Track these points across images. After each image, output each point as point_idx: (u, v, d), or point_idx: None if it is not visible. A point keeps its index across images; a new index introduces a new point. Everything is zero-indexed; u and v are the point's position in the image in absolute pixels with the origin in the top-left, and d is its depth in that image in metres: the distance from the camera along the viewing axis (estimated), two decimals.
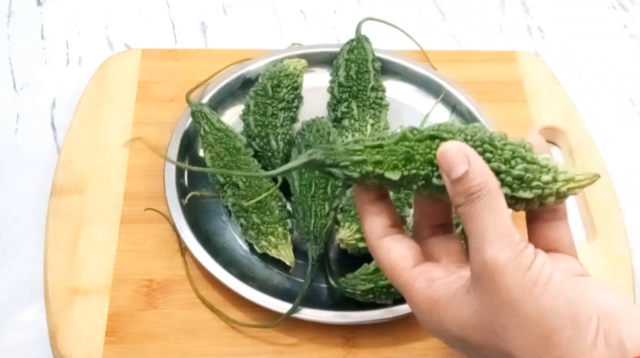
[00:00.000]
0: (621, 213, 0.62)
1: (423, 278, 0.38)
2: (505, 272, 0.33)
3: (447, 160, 0.36)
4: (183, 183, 0.61)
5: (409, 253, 0.39)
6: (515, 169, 0.36)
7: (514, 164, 0.36)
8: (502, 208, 0.35)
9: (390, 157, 0.37)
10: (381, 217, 0.39)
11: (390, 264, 0.39)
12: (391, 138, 0.37)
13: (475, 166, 0.35)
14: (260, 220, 0.56)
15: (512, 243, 0.34)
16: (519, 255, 0.34)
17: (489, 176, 0.35)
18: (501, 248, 0.34)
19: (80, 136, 0.65)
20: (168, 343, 0.53)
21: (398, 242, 0.39)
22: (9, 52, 0.75)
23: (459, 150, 0.36)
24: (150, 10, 0.80)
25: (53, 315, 0.54)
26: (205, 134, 0.61)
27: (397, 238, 0.39)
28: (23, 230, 0.61)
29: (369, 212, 0.40)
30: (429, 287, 0.37)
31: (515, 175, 0.36)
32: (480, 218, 0.35)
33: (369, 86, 0.63)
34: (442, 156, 0.36)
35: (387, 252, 0.39)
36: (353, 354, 0.53)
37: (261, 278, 0.56)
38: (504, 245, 0.34)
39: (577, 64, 0.77)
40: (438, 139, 0.36)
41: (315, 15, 0.80)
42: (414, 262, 0.39)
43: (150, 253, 0.58)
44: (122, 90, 0.68)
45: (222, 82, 0.67)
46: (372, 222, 0.39)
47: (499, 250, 0.34)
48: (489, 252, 0.34)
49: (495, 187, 0.35)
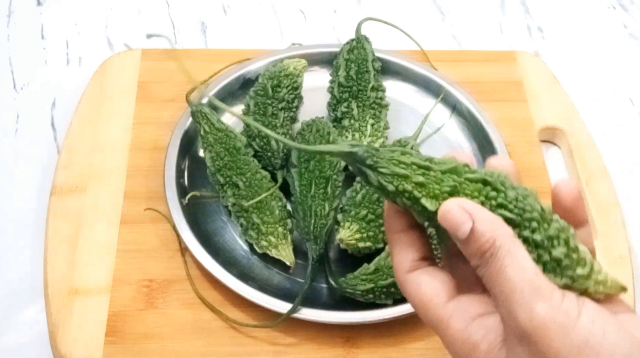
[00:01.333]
0: (621, 213, 0.62)
1: (460, 317, 0.34)
2: (547, 335, 0.29)
3: (449, 222, 0.33)
4: (183, 183, 0.61)
5: (442, 287, 0.35)
6: (557, 249, 0.32)
7: (556, 244, 0.33)
8: (521, 260, 0.31)
9: (435, 185, 0.34)
10: (412, 249, 0.36)
11: (421, 299, 0.35)
12: (440, 165, 0.34)
13: (480, 221, 0.32)
14: (260, 220, 0.56)
15: (546, 296, 0.30)
16: (557, 313, 0.30)
17: (498, 226, 0.32)
18: (534, 309, 0.29)
19: (80, 136, 0.65)
20: (168, 343, 0.53)
21: (429, 276, 0.35)
22: (9, 52, 0.75)
23: (459, 209, 0.33)
24: (150, 10, 0.80)
25: (53, 315, 0.54)
26: (205, 134, 0.61)
27: (428, 272, 0.35)
28: (23, 230, 0.61)
29: (399, 242, 0.36)
30: (466, 328, 0.33)
31: (554, 256, 0.32)
32: (502, 279, 0.31)
33: (369, 86, 0.63)
34: (443, 218, 0.33)
35: (417, 286, 0.35)
36: (353, 354, 0.53)
37: (261, 278, 0.56)
38: (536, 305, 0.30)
39: (577, 64, 0.77)
40: (490, 188, 0.33)
41: (315, 15, 0.80)
42: (448, 297, 0.34)
43: (150, 253, 0.58)
44: (122, 90, 0.68)
45: (222, 82, 0.67)
46: (402, 255, 0.36)
47: (533, 313, 0.29)
48: (522, 318, 0.30)
49: (507, 236, 0.32)
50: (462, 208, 0.33)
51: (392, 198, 0.35)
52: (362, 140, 0.61)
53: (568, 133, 0.67)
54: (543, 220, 0.33)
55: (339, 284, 0.54)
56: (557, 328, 0.29)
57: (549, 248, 0.33)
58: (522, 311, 0.30)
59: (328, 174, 0.58)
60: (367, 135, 0.61)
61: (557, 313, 0.30)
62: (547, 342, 0.29)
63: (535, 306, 0.30)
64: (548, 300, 0.30)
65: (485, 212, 0.33)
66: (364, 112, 0.63)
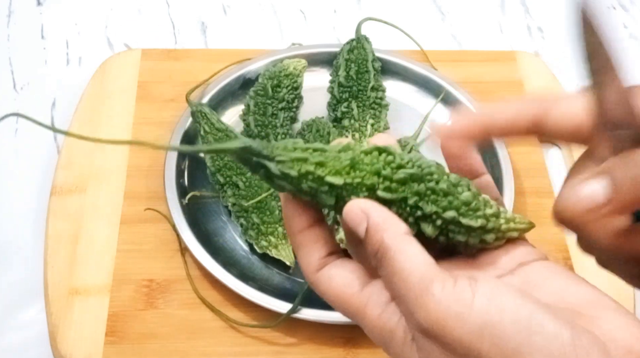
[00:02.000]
0: None
1: (375, 302, 0.32)
2: (447, 326, 0.29)
3: (349, 222, 0.32)
4: (183, 183, 0.61)
5: (353, 276, 0.33)
6: (462, 195, 0.33)
7: (461, 190, 0.34)
8: (412, 255, 0.30)
9: (334, 162, 0.34)
10: (317, 245, 0.34)
11: (335, 293, 0.33)
12: (333, 147, 0.35)
13: (372, 219, 0.31)
14: (260, 220, 0.56)
15: (437, 288, 0.29)
16: (451, 301, 0.29)
17: (389, 225, 0.31)
18: (428, 302, 0.29)
19: None
20: (168, 343, 0.53)
21: (338, 268, 0.34)
22: (9, 52, 0.75)
23: (357, 209, 0.32)
24: (150, 10, 0.80)
25: (53, 315, 0.54)
26: (205, 134, 0.61)
27: (337, 264, 0.34)
28: (23, 230, 0.61)
29: (303, 242, 0.34)
30: (381, 314, 0.32)
31: (462, 199, 0.33)
32: (395, 280, 0.30)
33: (369, 86, 0.63)
34: (345, 219, 0.32)
35: (328, 281, 0.34)
36: (353, 354, 0.53)
37: (261, 278, 0.56)
38: (430, 296, 0.29)
39: (577, 64, 0.76)
40: (385, 153, 0.34)
41: (315, 15, 0.80)
42: (361, 285, 0.33)
43: (150, 253, 0.58)
44: (122, 90, 0.68)
45: (222, 82, 0.67)
46: (309, 255, 0.34)
47: (428, 306, 0.29)
48: (419, 314, 0.29)
49: (397, 234, 0.31)
50: (359, 208, 0.32)
51: (296, 186, 0.34)
52: (362, 140, 0.61)
53: None
54: (442, 172, 0.34)
55: None
56: (453, 318, 0.29)
57: (457, 194, 0.33)
58: (418, 309, 0.29)
59: None
60: (367, 135, 0.61)
61: (451, 303, 0.29)
62: (448, 334, 0.29)
63: (428, 302, 0.29)
64: (440, 292, 0.29)
65: (379, 210, 0.32)
66: (364, 112, 0.63)
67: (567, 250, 0.59)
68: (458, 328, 0.29)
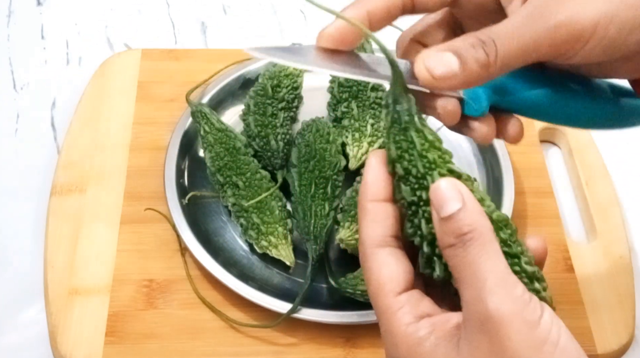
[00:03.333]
0: (621, 213, 0.62)
1: (408, 310, 0.33)
2: (511, 326, 0.30)
3: (438, 196, 0.33)
4: (183, 183, 0.61)
5: (402, 277, 0.34)
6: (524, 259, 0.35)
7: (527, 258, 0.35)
8: (500, 255, 0.32)
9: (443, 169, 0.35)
10: (386, 223, 0.34)
11: (377, 279, 0.34)
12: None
13: (469, 206, 0.32)
14: (260, 220, 0.56)
15: (516, 294, 0.31)
16: (525, 308, 0.30)
17: (484, 219, 0.32)
18: (505, 299, 0.30)
19: (80, 136, 0.65)
20: (168, 343, 0.53)
21: (395, 259, 0.34)
22: (9, 52, 0.75)
23: (454, 187, 0.33)
24: (150, 10, 0.80)
25: (53, 315, 0.54)
26: (205, 134, 0.61)
27: (396, 254, 0.34)
28: (23, 230, 0.61)
29: (375, 211, 0.35)
30: (412, 323, 0.33)
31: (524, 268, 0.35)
32: (477, 265, 0.31)
33: (369, 86, 0.63)
34: (434, 192, 0.33)
35: (380, 266, 0.34)
36: (353, 354, 0.53)
37: (261, 278, 0.56)
38: (508, 296, 0.30)
39: None
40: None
41: (315, 15, 0.80)
42: (403, 288, 0.34)
43: (150, 253, 0.58)
44: (122, 90, 0.68)
45: (222, 82, 0.67)
46: (375, 226, 0.34)
47: (503, 302, 0.30)
48: (491, 304, 0.30)
49: (490, 232, 0.32)
50: (456, 188, 0.33)
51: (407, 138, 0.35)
52: (362, 140, 0.61)
53: (568, 133, 0.67)
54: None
55: (339, 284, 0.54)
56: (521, 322, 0.30)
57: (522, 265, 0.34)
58: (493, 298, 0.30)
59: (328, 174, 0.58)
60: (367, 135, 0.61)
61: (525, 309, 0.30)
62: (508, 334, 0.30)
63: (505, 297, 0.30)
64: (518, 296, 0.31)
65: (476, 203, 0.33)
66: (364, 112, 0.63)
67: (567, 250, 0.59)
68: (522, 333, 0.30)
